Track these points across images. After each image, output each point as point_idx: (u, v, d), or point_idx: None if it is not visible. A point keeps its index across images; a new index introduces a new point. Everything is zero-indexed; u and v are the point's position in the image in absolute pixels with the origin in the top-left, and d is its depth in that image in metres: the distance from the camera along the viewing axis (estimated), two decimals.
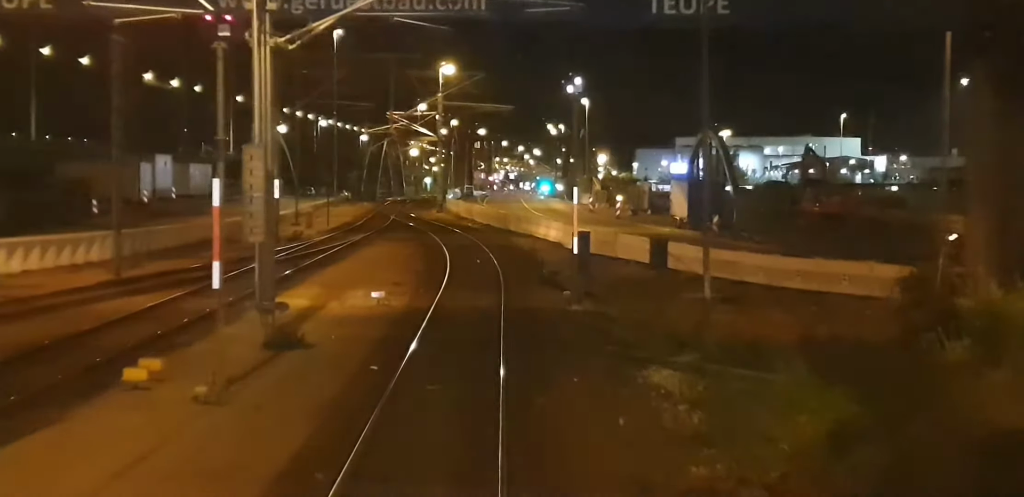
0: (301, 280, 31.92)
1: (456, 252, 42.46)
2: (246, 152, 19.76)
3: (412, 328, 22.19)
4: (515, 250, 47.06)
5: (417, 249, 45.09)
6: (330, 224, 64.96)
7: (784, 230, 59.22)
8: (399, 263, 38.11)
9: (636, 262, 41.35)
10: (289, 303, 26.21)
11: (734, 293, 32.25)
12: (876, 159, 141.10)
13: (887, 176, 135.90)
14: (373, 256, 41.57)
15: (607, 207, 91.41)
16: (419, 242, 49.14)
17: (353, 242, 48.48)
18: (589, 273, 32.52)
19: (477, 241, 49.43)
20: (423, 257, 41.01)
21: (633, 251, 42.56)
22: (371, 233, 56.19)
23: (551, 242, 51.45)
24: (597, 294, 30.24)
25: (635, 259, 41.77)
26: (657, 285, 33.69)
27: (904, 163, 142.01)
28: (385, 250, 44.63)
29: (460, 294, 28.70)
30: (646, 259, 40.57)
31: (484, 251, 43.61)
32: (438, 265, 36.80)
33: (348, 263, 38.07)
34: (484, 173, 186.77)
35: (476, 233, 57.20)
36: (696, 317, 25.58)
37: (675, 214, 67.46)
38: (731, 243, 54.51)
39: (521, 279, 33.90)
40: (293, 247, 44.89)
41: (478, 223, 68.92)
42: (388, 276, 32.79)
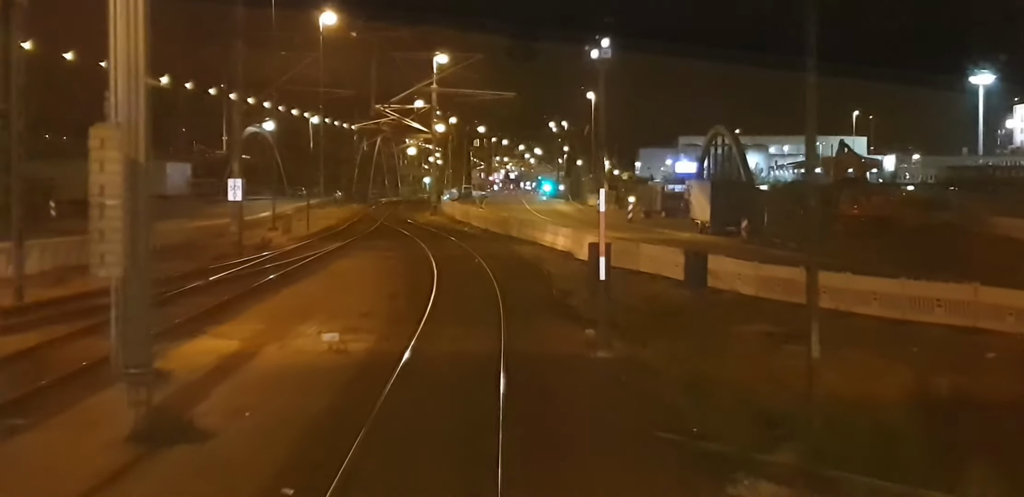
0: (242, 309, 24.77)
1: (446, 266, 35.36)
2: (93, 136, 12.62)
3: (370, 395, 15.07)
4: (517, 262, 39.94)
5: (400, 262, 37.95)
6: (310, 229, 58.04)
7: (819, 236, 52.24)
8: (374, 282, 30.94)
9: (664, 278, 34.39)
10: (212, 345, 19.18)
11: (800, 324, 25.27)
12: (885, 158, 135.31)
13: (896, 176, 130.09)
14: (345, 272, 34.41)
15: (616, 209, 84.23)
16: (404, 253, 42.00)
17: (327, 252, 41.38)
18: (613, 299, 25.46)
19: (472, 251, 42.30)
20: (405, 274, 33.86)
21: (660, 264, 35.58)
22: (352, 240, 49.07)
23: (559, 251, 44.37)
24: (626, 326, 23.19)
25: (662, 274, 34.87)
26: (700, 312, 26.65)
27: (915, 162, 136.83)
28: (362, 264, 37.47)
29: (446, 331, 21.56)
30: (677, 275, 33.71)
31: (480, 265, 36.51)
32: (422, 285, 29.68)
33: (312, 282, 30.89)
34: (484, 173, 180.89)
35: (472, 240, 50.05)
36: (768, 364, 18.73)
37: (695, 217, 60.32)
38: (764, 252, 47.78)
39: (526, 305, 26.80)
40: (253, 259, 37.88)
41: (475, 228, 61.70)
42: (356, 302, 25.68)
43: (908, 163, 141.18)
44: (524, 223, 53.72)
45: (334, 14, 61.46)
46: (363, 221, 69.11)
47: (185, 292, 27.41)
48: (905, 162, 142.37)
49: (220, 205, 79.72)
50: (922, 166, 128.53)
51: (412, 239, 49.10)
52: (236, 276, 32.00)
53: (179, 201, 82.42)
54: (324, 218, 70.61)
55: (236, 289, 27.91)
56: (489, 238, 53.18)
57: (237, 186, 42.82)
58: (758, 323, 25.33)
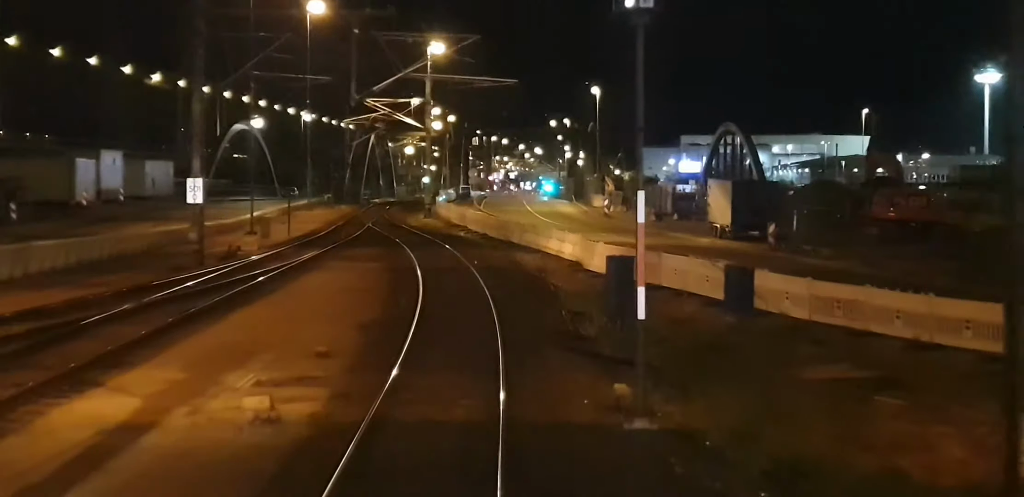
0: (167, 345, 19.17)
1: (436, 282, 29.84)
2: None
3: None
4: (519, 276, 34.42)
5: (382, 277, 32.41)
6: (290, 233, 52.57)
7: (854, 241, 46.83)
8: (345, 305, 25.34)
9: (691, 295, 29.05)
10: (99, 408, 13.83)
11: (881, 363, 19.79)
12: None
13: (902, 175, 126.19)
14: (313, 290, 28.82)
15: (624, 211, 78.64)
16: (388, 264, 36.44)
17: (299, 263, 35.85)
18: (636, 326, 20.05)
19: (467, 261, 36.75)
20: (385, 293, 28.28)
21: (687, 279, 30.21)
22: (331, 247, 43.52)
23: (566, 261, 38.90)
24: (661, 368, 17.78)
25: (688, 290, 29.62)
26: (750, 346, 21.21)
27: (923, 162, 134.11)
28: (336, 278, 31.90)
29: (425, 383, 15.99)
30: (708, 291, 28.44)
31: (476, 279, 30.93)
32: (404, 309, 24.14)
33: (268, 305, 25.24)
34: (483, 172, 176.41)
35: (468, 248, 44.46)
36: (870, 432, 13.71)
37: (714, 221, 54.76)
38: (795, 260, 42.43)
39: (532, 336, 21.26)
40: (212, 272, 32.47)
41: (472, 232, 56.08)
42: (315, 335, 20.12)
43: (915, 162, 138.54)
44: (526, 228, 48.16)
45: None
46: (350, 224, 63.53)
47: (108, 318, 21.96)
48: (912, 161, 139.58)
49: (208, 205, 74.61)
50: (931, 166, 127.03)
51: (400, 247, 43.49)
52: (181, 295, 26.46)
53: (159, 202, 77.00)
54: (308, 221, 65.17)
55: (172, 314, 22.38)
56: (487, 245, 47.63)
57: (197, 187, 37.24)
58: (829, 362, 19.89)
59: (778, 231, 47.74)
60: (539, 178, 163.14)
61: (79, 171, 74.63)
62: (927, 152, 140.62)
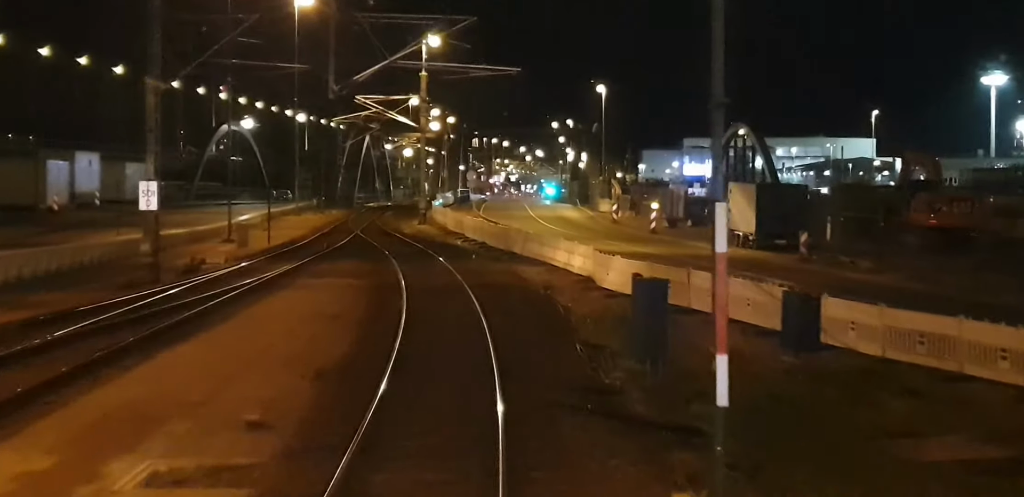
0: (41, 411, 14.05)
1: (423, 307, 24.84)
2: None
3: None
4: (522, 295, 29.37)
5: (359, 298, 27.34)
6: (271, 241, 47.72)
7: (892, 251, 41.93)
8: (304, 341, 20.22)
9: (734, 322, 24.01)
10: None
11: (1011, 429, 14.82)
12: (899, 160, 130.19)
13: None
14: (272, 318, 23.68)
15: (633, 216, 73.69)
16: (371, 282, 31.40)
17: (267, 280, 30.84)
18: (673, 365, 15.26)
19: (463, 277, 31.71)
20: (359, 320, 23.19)
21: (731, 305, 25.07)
22: (309, 260, 38.50)
23: (576, 276, 34.00)
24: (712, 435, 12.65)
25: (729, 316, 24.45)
26: (828, 400, 16.26)
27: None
28: (304, 301, 26.80)
29: (390, 484, 10.99)
30: (750, 318, 23.76)
31: (470, 301, 25.89)
32: (378, 345, 19.09)
33: (205, 342, 20.00)
34: (484, 175, 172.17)
35: (464, 260, 39.42)
36: None
37: (735, 228, 49.65)
38: (832, 274, 37.71)
39: (541, 390, 16.21)
40: (162, 291, 27.53)
41: (470, 241, 50.99)
42: (253, 388, 15.14)
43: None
44: (529, 237, 43.06)
45: None
46: (337, 231, 58.51)
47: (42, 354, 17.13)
48: None
49: (181, 211, 69.74)
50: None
51: (387, 259, 38.41)
52: (107, 325, 21.44)
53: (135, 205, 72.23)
54: (293, 227, 60.31)
55: (80, 355, 17.40)
56: (486, 256, 42.56)
57: (151, 192, 32.22)
58: (940, 428, 14.91)
59: (810, 240, 42.78)
60: (541, 181, 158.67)
61: (50, 173, 70.11)
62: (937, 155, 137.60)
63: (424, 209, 66.08)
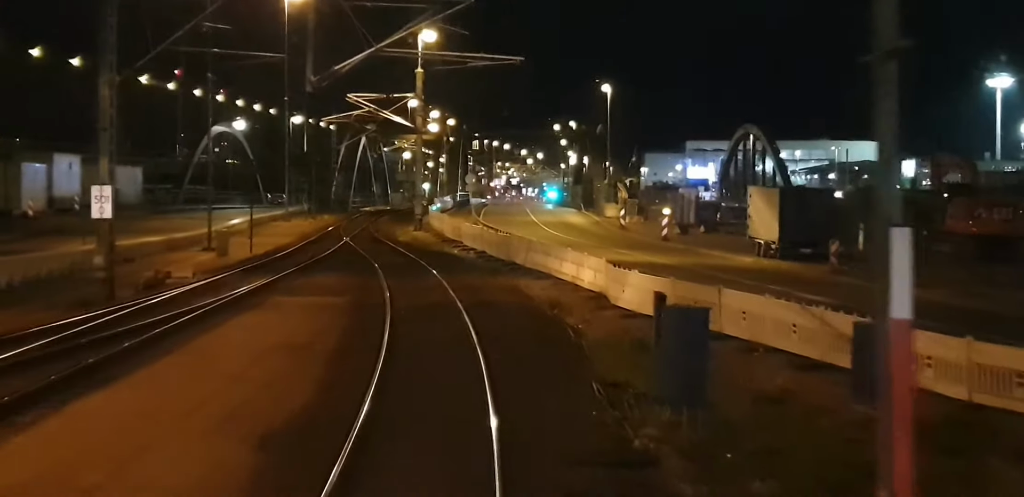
0: None
1: (409, 331, 20.99)
2: None
3: None
4: (526, 317, 25.47)
5: (336, 321, 23.40)
6: (253, 250, 43.91)
7: (928, 262, 38.07)
8: (258, 383, 16.24)
9: (774, 351, 20.57)
10: None
11: None
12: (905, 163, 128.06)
13: (916, 182, 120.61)
14: (227, 350, 19.63)
15: (641, 222, 69.84)
16: (353, 299, 27.54)
17: (234, 299, 26.97)
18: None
19: (458, 295, 27.80)
20: (330, 354, 19.21)
21: (766, 328, 21.83)
22: (288, 273, 34.61)
23: (586, 291, 30.20)
24: None
25: (767, 343, 21.22)
26: (939, 476, 12.27)
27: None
28: (271, 326, 22.81)
29: None
30: (802, 349, 20.20)
31: (465, 325, 22.01)
32: (347, 392, 15.23)
33: (133, 386, 15.88)
34: (485, 178, 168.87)
35: (461, 273, 35.51)
36: None
37: (755, 236, 45.84)
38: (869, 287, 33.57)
39: (553, 460, 12.34)
40: (113, 311, 23.80)
41: (468, 250, 47.05)
42: (171, 465, 11.32)
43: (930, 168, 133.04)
44: (533, 246, 39.10)
45: None
46: (326, 239, 54.65)
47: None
48: (925, 167, 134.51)
49: (166, 216, 65.98)
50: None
51: (375, 272, 34.52)
52: (23, 361, 17.59)
53: (122, 211, 68.35)
54: (281, 234, 56.51)
55: None
56: (485, 267, 38.64)
57: (104, 198, 28.35)
58: None
59: (842, 249, 38.91)
60: (543, 184, 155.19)
61: (25, 177, 66.33)
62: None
63: (420, 215, 62.16)
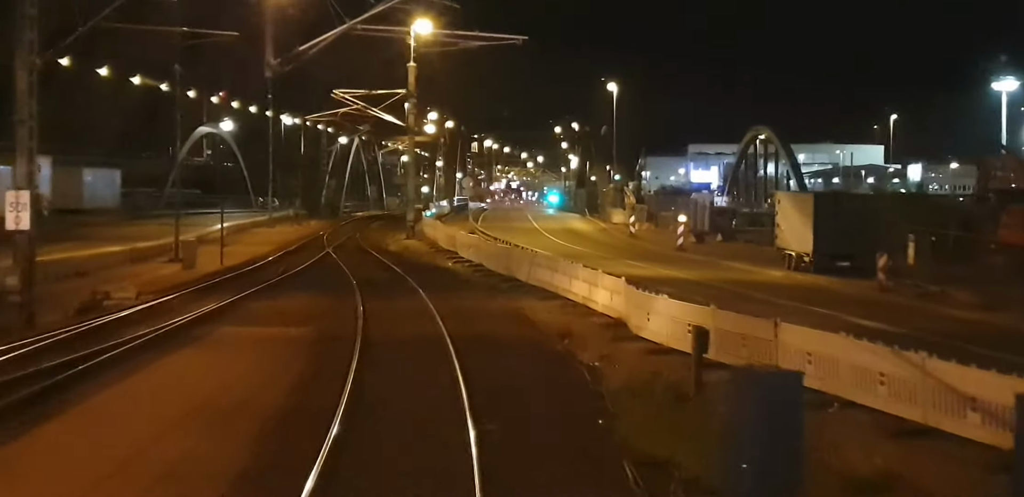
0: None
1: (379, 382, 16.02)
2: None
3: None
4: (530, 356, 20.47)
5: (290, 365, 18.32)
6: (224, 262, 39.10)
7: (982, 276, 33.25)
8: (148, 480, 11.37)
9: (854, 405, 15.76)
10: None
11: None
12: (910, 167, 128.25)
13: (923, 185, 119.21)
14: (125, 416, 14.50)
15: (652, 229, 64.85)
16: (317, 329, 22.52)
17: (178, 326, 22.04)
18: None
19: (446, 324, 22.75)
20: (264, 424, 14.16)
21: (841, 374, 17.04)
22: (252, 291, 29.63)
23: (599, 316, 25.30)
24: None
25: (845, 396, 16.41)
26: None
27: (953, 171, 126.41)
28: (200, 372, 17.70)
29: None
30: (895, 406, 15.51)
31: (453, 373, 17.00)
32: (277, 487, 10.32)
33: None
34: (484, 182, 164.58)
35: (452, 293, 30.41)
36: None
37: (784, 246, 40.85)
38: (931, 310, 29.20)
39: None
40: (29, 344, 19.15)
41: (463, 262, 41.94)
42: None
43: (937, 172, 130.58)
44: (537, 260, 33.93)
45: None
46: (307, 248, 49.60)
47: None
48: (933, 171, 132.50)
49: (143, 222, 61.02)
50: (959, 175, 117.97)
51: (352, 292, 29.48)
52: None
53: (96, 216, 63.57)
54: (260, 242, 51.64)
55: None
56: (481, 285, 33.52)
57: (22, 205, 23.38)
58: None
59: (891, 263, 33.93)
60: (544, 188, 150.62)
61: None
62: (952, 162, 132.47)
63: (412, 222, 57.05)
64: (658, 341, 21.53)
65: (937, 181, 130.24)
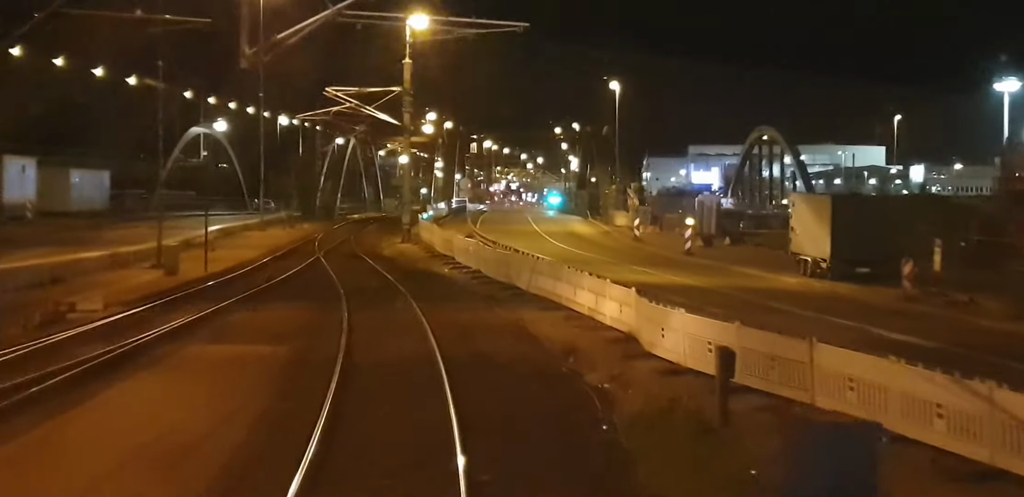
0: None
1: (360, 414, 13.83)
2: None
3: None
4: (532, 378, 18.26)
5: (254, 394, 16.05)
6: (208, 268, 36.98)
7: (1008, 283, 31.06)
8: None
9: (914, 444, 13.42)
10: None
11: None
12: (912, 168, 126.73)
13: (925, 187, 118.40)
14: (51, 465, 12.35)
15: (657, 232, 62.61)
16: (296, 348, 20.30)
17: (143, 344, 19.88)
18: None
19: (438, 342, 20.51)
20: (219, 471, 12.03)
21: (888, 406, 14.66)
22: (234, 301, 27.44)
23: (608, 330, 23.17)
24: None
25: (905, 432, 13.83)
26: None
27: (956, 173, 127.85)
28: (154, 402, 15.45)
29: None
30: (963, 446, 12.81)
31: (443, 405, 14.81)
32: None
33: None
34: (484, 183, 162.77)
35: (447, 303, 28.12)
36: None
37: (800, 251, 38.63)
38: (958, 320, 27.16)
39: None
40: None
41: (459, 268, 39.62)
42: None
43: (940, 173, 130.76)
44: (539, 267, 31.64)
45: None
46: (297, 253, 47.34)
47: None
48: (935, 172, 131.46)
49: (128, 226, 58.83)
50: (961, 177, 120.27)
51: (338, 303, 27.27)
52: None
53: (83, 219, 61.45)
54: (248, 247, 49.48)
55: None
56: (479, 294, 31.23)
57: None
58: None
59: (917, 270, 31.72)
60: (545, 189, 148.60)
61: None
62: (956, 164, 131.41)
63: (407, 225, 54.76)
64: (674, 360, 19.46)
65: (940, 183, 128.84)
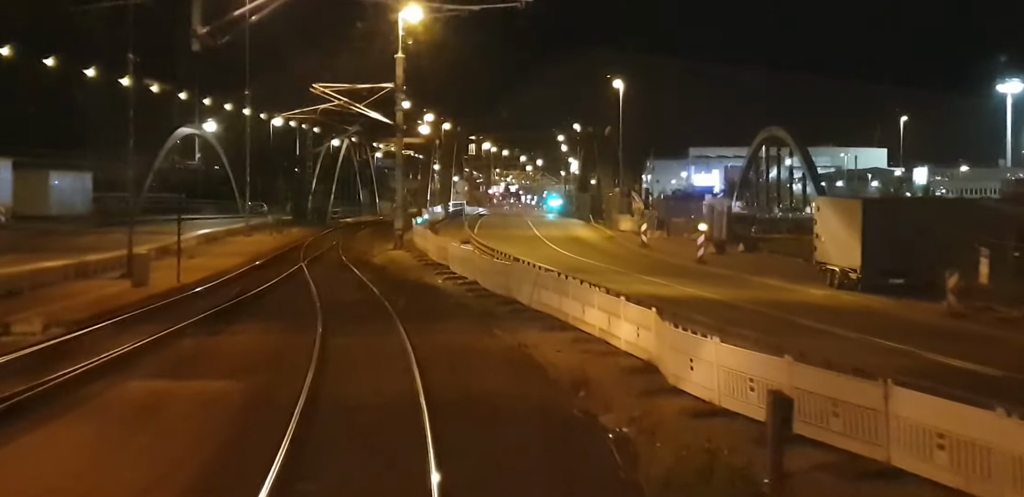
0: None
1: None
2: None
3: None
4: (538, 430, 14.97)
5: (182, 459, 12.85)
6: (182, 279, 33.86)
7: None
8: None
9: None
10: None
11: None
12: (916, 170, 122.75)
13: (928, 189, 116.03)
14: None
15: (664, 237, 59.31)
16: (255, 384, 16.98)
17: (73, 379, 16.63)
18: None
19: (422, 377, 17.21)
20: None
21: (993, 471, 11.06)
22: (196, 320, 24.16)
23: (624, 356, 19.94)
24: None
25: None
26: None
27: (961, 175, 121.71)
28: (48, 476, 12.25)
29: None
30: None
31: (423, 471, 11.59)
32: None
33: None
34: (483, 185, 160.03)
35: (438, 323, 24.80)
36: None
37: (825, 261, 35.37)
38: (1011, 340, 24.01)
39: None
40: None
41: (454, 278, 36.27)
42: None
43: (943, 175, 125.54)
44: (541, 280, 28.26)
45: None
46: (279, 261, 44.02)
47: None
48: (939, 174, 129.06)
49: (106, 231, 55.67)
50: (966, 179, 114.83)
51: (314, 321, 23.99)
52: None
53: (62, 224, 58.43)
54: (230, 254, 46.39)
55: None
56: (475, 310, 27.81)
57: None
58: None
59: (964, 283, 28.46)
60: (545, 192, 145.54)
61: None
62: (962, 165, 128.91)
63: (400, 230, 51.42)
64: (705, 398, 16.31)
65: (944, 185, 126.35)
